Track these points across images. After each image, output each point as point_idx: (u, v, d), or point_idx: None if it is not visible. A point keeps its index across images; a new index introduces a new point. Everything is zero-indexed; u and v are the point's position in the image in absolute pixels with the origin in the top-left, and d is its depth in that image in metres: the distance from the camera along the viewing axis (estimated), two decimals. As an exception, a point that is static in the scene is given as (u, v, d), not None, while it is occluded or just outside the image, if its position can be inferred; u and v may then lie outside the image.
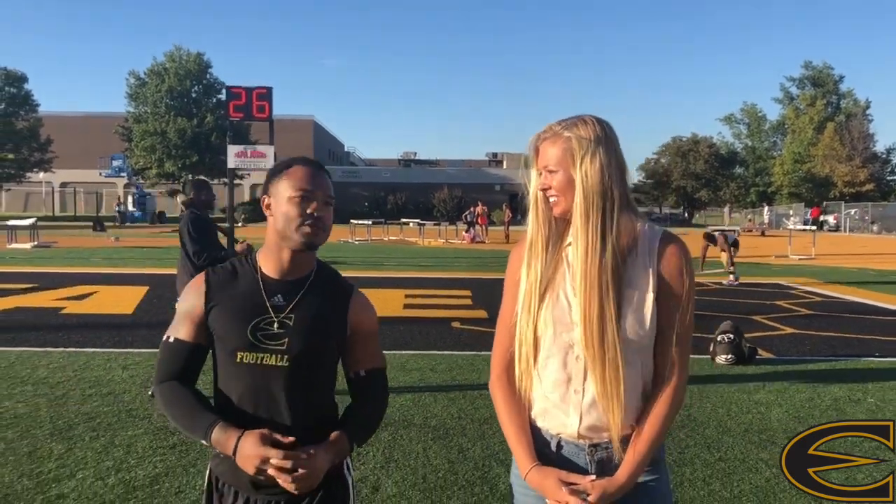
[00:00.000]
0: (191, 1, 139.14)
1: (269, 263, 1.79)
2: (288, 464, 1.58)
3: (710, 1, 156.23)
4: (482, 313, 9.60)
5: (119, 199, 47.98)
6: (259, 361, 1.71)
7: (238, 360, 1.71)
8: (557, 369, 1.65)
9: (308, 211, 1.71)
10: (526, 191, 1.72)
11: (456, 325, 8.69)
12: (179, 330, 1.77)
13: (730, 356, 6.76)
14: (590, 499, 1.58)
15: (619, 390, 1.57)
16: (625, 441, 1.63)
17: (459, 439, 4.53)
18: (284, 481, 1.59)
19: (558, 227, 1.69)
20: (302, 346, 1.73)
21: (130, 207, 46.47)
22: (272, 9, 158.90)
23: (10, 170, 51.67)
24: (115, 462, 4.01)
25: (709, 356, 6.87)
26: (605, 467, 1.64)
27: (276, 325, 1.72)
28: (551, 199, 1.66)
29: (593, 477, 1.61)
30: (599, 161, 1.59)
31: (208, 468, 1.81)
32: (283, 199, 1.73)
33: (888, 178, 59.51)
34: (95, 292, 11.12)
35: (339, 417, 1.84)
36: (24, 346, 7.02)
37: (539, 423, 1.71)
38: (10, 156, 51.30)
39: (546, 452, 1.68)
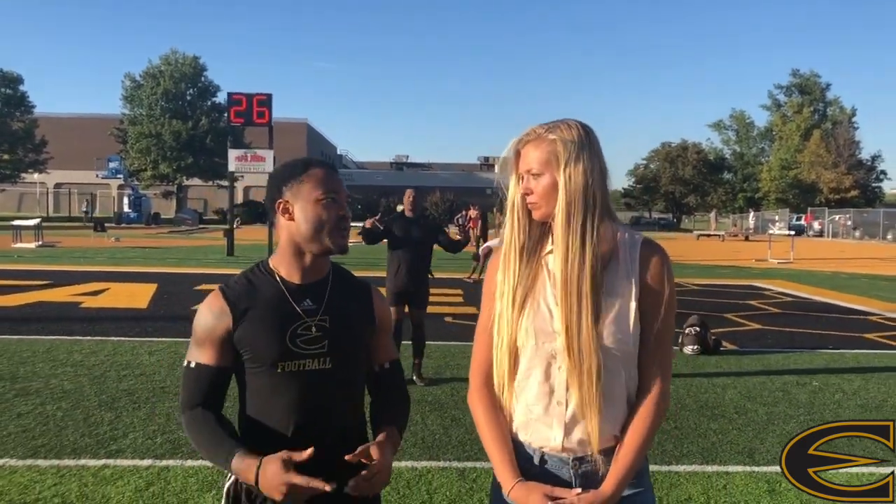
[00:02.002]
0: (186, 3, 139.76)
1: (288, 269, 1.75)
2: (328, 486, 1.50)
3: (701, 7, 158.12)
4: (473, 310, 10.33)
5: (87, 200, 48.09)
6: (301, 368, 1.69)
7: (279, 370, 1.68)
8: (540, 381, 1.60)
9: (340, 213, 1.71)
10: (504, 195, 1.68)
11: (448, 319, 9.45)
12: (201, 354, 1.69)
13: (696, 347, 7.50)
14: None
15: (598, 400, 1.54)
16: (609, 453, 1.59)
17: (453, 411, 5.25)
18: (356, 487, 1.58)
19: (536, 234, 1.65)
20: (342, 346, 1.74)
21: (126, 209, 46.85)
22: (263, 12, 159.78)
23: (5, 170, 52.20)
24: (159, 427, 4.70)
25: (677, 347, 7.61)
26: (590, 480, 1.59)
27: (313, 328, 1.71)
28: (531, 204, 1.61)
29: (579, 490, 1.56)
30: (584, 165, 1.55)
31: (231, 477, 1.70)
32: (308, 201, 1.69)
33: (873, 184, 60.81)
34: (108, 289, 11.78)
35: (378, 412, 1.85)
36: (56, 335, 7.67)
37: (521, 437, 1.65)
38: (6, 156, 51.84)
39: (528, 467, 1.62)
